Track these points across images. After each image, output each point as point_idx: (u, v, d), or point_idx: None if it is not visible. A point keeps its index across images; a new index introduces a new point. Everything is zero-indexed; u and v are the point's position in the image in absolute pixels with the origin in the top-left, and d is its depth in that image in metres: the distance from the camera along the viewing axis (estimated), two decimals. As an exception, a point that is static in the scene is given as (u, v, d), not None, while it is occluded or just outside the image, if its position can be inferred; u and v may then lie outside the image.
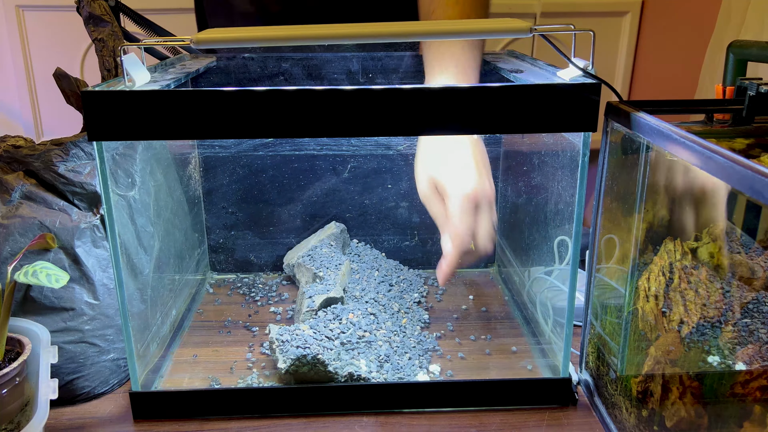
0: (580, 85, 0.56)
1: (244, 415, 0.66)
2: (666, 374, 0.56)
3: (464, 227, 0.65)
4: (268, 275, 0.97)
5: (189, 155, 0.90)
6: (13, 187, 0.67)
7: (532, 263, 0.83)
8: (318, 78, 0.91)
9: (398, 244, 0.97)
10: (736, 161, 0.41)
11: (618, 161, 0.62)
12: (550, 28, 0.60)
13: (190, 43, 0.59)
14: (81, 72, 2.00)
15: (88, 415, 0.66)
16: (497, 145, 0.93)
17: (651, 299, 0.58)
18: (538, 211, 0.79)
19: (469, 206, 0.66)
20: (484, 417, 0.66)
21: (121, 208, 0.67)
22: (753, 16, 1.64)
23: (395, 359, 0.72)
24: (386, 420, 0.66)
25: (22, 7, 1.93)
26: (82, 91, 0.55)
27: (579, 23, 0.65)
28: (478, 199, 0.66)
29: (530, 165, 0.82)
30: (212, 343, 0.79)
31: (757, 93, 0.58)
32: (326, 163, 0.92)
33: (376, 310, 0.78)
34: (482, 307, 0.87)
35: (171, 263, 0.81)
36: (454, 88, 0.56)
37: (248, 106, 0.55)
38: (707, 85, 1.82)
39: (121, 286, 0.62)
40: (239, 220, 0.95)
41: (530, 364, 0.74)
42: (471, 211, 0.66)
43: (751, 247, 0.56)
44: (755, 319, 0.53)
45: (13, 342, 0.62)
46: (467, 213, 0.65)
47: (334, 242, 0.91)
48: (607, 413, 0.65)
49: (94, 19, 0.73)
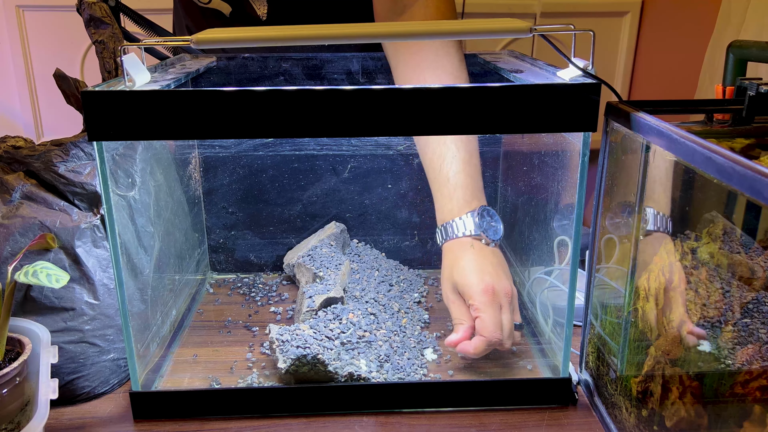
0: (580, 85, 0.56)
1: (244, 415, 0.66)
2: (666, 374, 0.56)
3: (490, 318, 0.69)
4: (268, 275, 0.97)
5: (189, 155, 0.90)
6: (13, 187, 0.67)
7: (532, 263, 0.83)
8: (318, 78, 0.91)
9: (398, 244, 0.97)
10: (736, 161, 0.41)
11: (618, 161, 0.62)
12: (550, 28, 0.60)
13: (190, 44, 0.59)
14: (81, 72, 2.00)
15: (88, 415, 0.66)
16: (497, 145, 0.93)
17: (651, 299, 0.58)
18: (538, 211, 0.79)
19: (492, 300, 0.70)
20: (484, 417, 0.66)
21: (121, 208, 0.67)
22: (753, 16, 1.64)
23: (395, 359, 0.72)
24: (386, 420, 0.66)
25: (22, 7, 1.93)
26: (82, 91, 0.55)
27: (579, 23, 0.65)
28: (498, 294, 0.70)
29: (530, 165, 0.82)
30: (212, 343, 0.79)
31: (757, 93, 0.58)
32: (326, 163, 0.92)
33: (376, 310, 0.78)
34: (482, 307, 0.87)
35: (171, 263, 0.81)
36: (454, 88, 0.56)
37: (248, 106, 0.55)
38: (707, 85, 1.82)
39: (122, 286, 0.62)
40: (239, 220, 0.95)
41: (530, 364, 0.74)
42: (495, 305, 0.70)
43: (751, 247, 0.56)
44: (755, 319, 0.53)
45: (13, 342, 0.62)
46: (491, 306, 0.69)
47: (334, 242, 0.91)
48: (607, 413, 0.65)
49: (94, 21, 0.73)
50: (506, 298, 0.70)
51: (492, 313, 0.69)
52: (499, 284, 0.70)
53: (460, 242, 0.74)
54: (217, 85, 0.90)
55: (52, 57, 1.97)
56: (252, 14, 0.95)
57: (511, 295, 0.71)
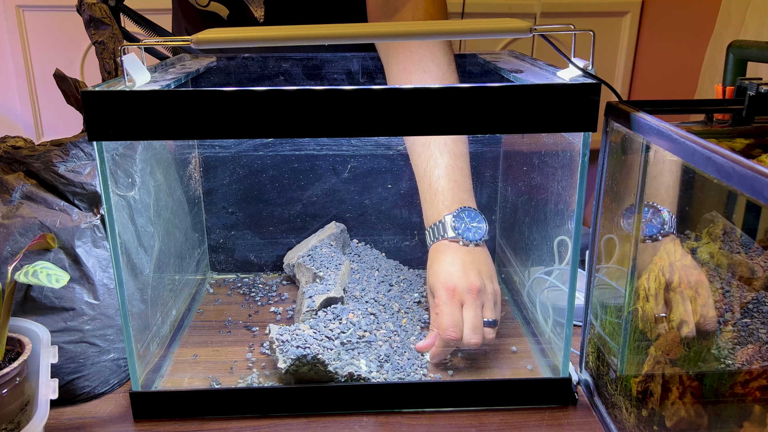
0: (580, 85, 0.56)
1: (244, 415, 0.66)
2: (666, 374, 0.56)
3: (445, 318, 0.69)
4: (268, 275, 0.97)
5: (189, 155, 0.90)
6: (13, 187, 0.67)
7: (532, 263, 0.83)
8: (318, 78, 0.91)
9: (398, 244, 0.97)
10: (736, 161, 0.41)
11: (618, 161, 0.62)
12: (550, 28, 0.60)
13: (190, 44, 0.59)
14: (81, 72, 2.00)
15: (88, 415, 0.66)
16: (497, 145, 0.93)
17: (651, 299, 0.58)
18: (538, 211, 0.79)
19: (450, 297, 0.70)
20: (484, 417, 0.66)
21: (121, 208, 0.67)
22: (753, 16, 1.64)
23: (395, 359, 0.72)
24: (386, 420, 0.66)
25: (22, 7, 1.93)
26: (82, 91, 0.55)
27: (579, 23, 0.65)
28: (459, 291, 0.70)
29: (530, 165, 0.82)
30: (212, 343, 0.79)
31: (757, 93, 0.58)
32: (326, 163, 0.92)
33: (376, 310, 0.78)
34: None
35: (171, 263, 0.81)
36: (454, 88, 0.56)
37: (248, 106, 0.55)
38: (707, 85, 1.82)
39: (122, 286, 0.62)
40: (239, 220, 0.95)
41: (530, 364, 0.74)
42: (453, 302, 0.70)
43: (751, 247, 0.57)
44: (755, 319, 0.53)
45: (13, 342, 0.62)
46: (448, 303, 0.70)
47: (334, 242, 0.91)
48: (607, 413, 0.65)
49: (94, 22, 0.73)
50: (470, 294, 0.70)
51: (448, 311, 0.69)
52: (462, 282, 0.70)
53: (439, 246, 0.75)
54: (217, 85, 0.90)
55: (52, 57, 1.97)
56: (249, 16, 0.95)
57: (477, 292, 0.70)
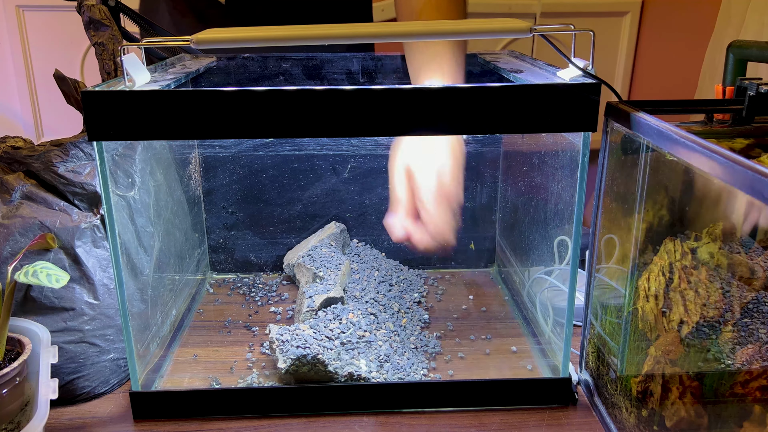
0: (580, 85, 0.56)
1: (244, 415, 0.66)
2: (666, 374, 0.56)
3: (433, 215, 0.69)
4: (268, 275, 0.97)
5: (189, 155, 0.90)
6: (13, 187, 0.67)
7: (532, 263, 0.83)
8: (318, 78, 0.91)
9: (398, 244, 0.96)
10: (736, 161, 0.41)
11: (618, 161, 0.62)
12: (550, 28, 0.60)
13: (190, 44, 0.59)
14: (81, 72, 2.00)
15: (88, 415, 0.66)
16: (497, 145, 0.93)
17: (651, 299, 0.58)
18: (538, 211, 0.79)
19: (435, 199, 0.70)
20: (484, 417, 0.66)
21: (121, 208, 0.67)
22: (753, 16, 1.63)
23: (395, 359, 0.72)
24: (386, 420, 0.66)
25: (22, 7, 1.93)
26: (82, 91, 0.55)
27: (579, 23, 0.65)
28: (448, 195, 0.70)
29: (530, 165, 0.82)
30: (212, 343, 0.79)
31: (757, 93, 0.58)
32: (326, 163, 0.92)
33: (376, 310, 0.78)
34: (482, 307, 0.87)
35: (171, 263, 0.81)
36: (454, 88, 0.56)
37: (248, 106, 0.55)
38: (707, 85, 1.82)
39: (121, 286, 0.62)
40: (239, 220, 0.95)
41: (530, 364, 0.74)
42: (438, 204, 0.70)
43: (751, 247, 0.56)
44: (755, 319, 0.53)
45: (13, 342, 0.62)
46: (434, 204, 0.70)
47: (334, 242, 0.91)
48: (607, 413, 0.65)
49: (94, 23, 0.73)
50: (455, 200, 0.71)
51: (436, 210, 0.70)
52: (453, 188, 0.71)
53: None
54: (217, 85, 0.90)
55: (52, 57, 1.97)
56: None
57: (456, 196, 0.72)
